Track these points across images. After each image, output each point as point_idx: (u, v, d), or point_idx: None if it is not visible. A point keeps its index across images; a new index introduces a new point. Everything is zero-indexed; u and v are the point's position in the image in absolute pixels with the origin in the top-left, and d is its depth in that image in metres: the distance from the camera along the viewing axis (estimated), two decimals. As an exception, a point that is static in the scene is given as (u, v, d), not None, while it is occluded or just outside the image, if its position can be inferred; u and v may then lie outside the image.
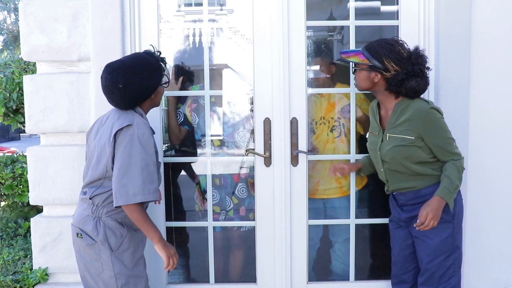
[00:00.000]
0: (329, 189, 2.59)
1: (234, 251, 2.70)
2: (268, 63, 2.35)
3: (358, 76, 1.99)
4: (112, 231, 1.81)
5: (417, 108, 1.89)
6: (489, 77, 2.33)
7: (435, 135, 1.88)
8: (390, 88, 1.92)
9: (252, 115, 2.52)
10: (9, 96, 3.27)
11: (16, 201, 3.61)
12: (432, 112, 1.88)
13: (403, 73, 1.87)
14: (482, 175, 2.36)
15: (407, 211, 2.01)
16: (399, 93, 1.92)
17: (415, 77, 1.88)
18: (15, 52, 15.05)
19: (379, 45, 1.92)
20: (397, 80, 1.88)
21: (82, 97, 2.37)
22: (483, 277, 2.42)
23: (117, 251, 1.80)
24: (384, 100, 2.00)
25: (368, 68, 1.93)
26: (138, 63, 1.81)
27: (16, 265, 2.79)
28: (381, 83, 1.94)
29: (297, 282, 2.45)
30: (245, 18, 2.42)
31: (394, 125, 1.94)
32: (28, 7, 2.35)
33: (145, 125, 1.79)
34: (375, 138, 2.05)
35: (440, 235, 1.92)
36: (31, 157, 2.42)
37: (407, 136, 1.89)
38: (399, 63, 1.88)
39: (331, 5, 2.81)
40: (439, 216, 1.85)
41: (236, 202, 2.64)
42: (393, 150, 1.93)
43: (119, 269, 1.80)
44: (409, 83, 1.87)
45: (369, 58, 1.91)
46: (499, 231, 2.40)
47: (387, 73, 1.89)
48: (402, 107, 1.93)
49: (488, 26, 2.31)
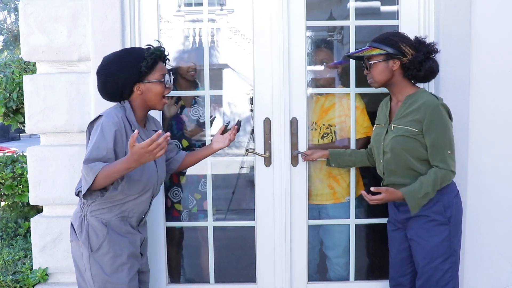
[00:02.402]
0: (321, 195, 2.55)
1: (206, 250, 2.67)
2: (268, 63, 2.35)
3: (375, 69, 1.94)
4: (94, 231, 1.76)
5: (426, 100, 1.87)
6: (489, 77, 2.33)
7: (433, 130, 1.85)
8: (409, 73, 1.92)
9: (252, 115, 2.52)
10: (9, 96, 3.27)
11: (16, 201, 3.62)
12: (440, 108, 1.86)
13: (421, 54, 1.89)
14: (482, 175, 2.36)
15: (403, 211, 1.98)
16: (417, 77, 1.92)
17: (430, 59, 1.91)
18: (15, 52, 15.06)
19: (389, 34, 1.95)
20: (417, 62, 1.89)
21: (82, 97, 2.37)
22: (483, 277, 2.42)
23: (96, 253, 1.76)
24: (399, 91, 1.98)
25: (385, 57, 1.92)
26: (117, 54, 1.79)
27: (16, 265, 2.79)
28: (398, 71, 1.94)
29: (297, 282, 2.45)
30: (245, 18, 2.42)
31: (401, 115, 1.93)
32: (28, 7, 2.35)
33: (116, 116, 1.71)
34: (380, 129, 2.04)
35: (435, 237, 1.90)
36: (31, 157, 2.42)
37: (411, 127, 1.88)
38: (414, 46, 1.91)
39: (331, 5, 2.81)
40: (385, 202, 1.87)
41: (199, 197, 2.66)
42: (395, 140, 1.91)
43: (96, 271, 1.76)
44: (427, 64, 1.89)
45: (383, 48, 1.91)
46: (499, 231, 2.40)
47: (405, 58, 1.90)
48: (412, 100, 1.92)
49: (488, 26, 2.31)
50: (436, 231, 1.91)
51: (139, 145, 1.52)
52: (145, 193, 1.82)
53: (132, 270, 1.82)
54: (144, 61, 1.75)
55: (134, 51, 1.81)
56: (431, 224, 1.92)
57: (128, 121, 1.77)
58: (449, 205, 1.93)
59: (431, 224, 1.91)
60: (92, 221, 1.77)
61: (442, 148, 1.86)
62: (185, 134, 2.65)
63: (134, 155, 1.53)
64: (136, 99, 1.81)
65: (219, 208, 2.76)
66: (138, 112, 1.83)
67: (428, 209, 1.91)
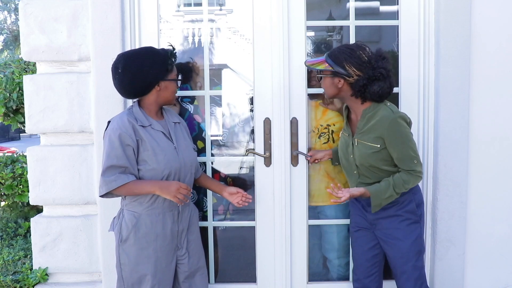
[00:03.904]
0: (317, 196, 2.55)
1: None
2: (268, 63, 2.35)
3: (324, 83, 1.98)
4: (126, 223, 1.88)
5: (382, 116, 1.87)
6: (489, 77, 2.33)
7: (395, 145, 1.86)
8: (355, 93, 1.91)
9: (252, 115, 2.52)
10: (9, 96, 3.27)
11: (16, 201, 3.62)
12: (397, 122, 1.85)
13: (364, 78, 1.86)
14: (482, 175, 2.37)
15: (373, 212, 1.96)
16: (365, 98, 1.91)
17: (377, 81, 1.86)
18: (15, 52, 15.07)
19: (340, 50, 1.91)
20: (360, 85, 1.87)
21: (82, 97, 2.37)
22: (483, 277, 2.42)
23: (124, 244, 1.87)
24: (352, 105, 1.99)
25: (331, 74, 1.92)
26: (142, 51, 1.88)
27: (16, 265, 2.80)
28: (346, 89, 1.93)
29: (297, 282, 2.45)
30: (245, 18, 2.43)
31: (361, 131, 1.94)
32: (28, 7, 2.35)
33: (121, 119, 1.83)
34: (347, 140, 2.04)
35: (410, 236, 1.93)
36: (31, 157, 2.42)
37: (373, 144, 1.90)
38: (360, 67, 1.86)
39: (331, 5, 2.81)
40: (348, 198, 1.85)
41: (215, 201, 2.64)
42: (362, 157, 1.93)
43: (124, 260, 1.88)
44: (372, 88, 1.86)
45: (331, 64, 1.91)
46: (499, 231, 2.40)
47: (350, 78, 1.88)
48: (370, 115, 1.92)
49: (488, 26, 2.31)
50: (409, 230, 1.94)
51: (174, 188, 1.77)
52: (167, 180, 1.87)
53: (160, 263, 1.89)
54: (169, 59, 1.88)
55: (161, 50, 1.90)
56: (404, 224, 1.95)
57: (135, 119, 1.86)
58: (420, 203, 1.97)
59: (405, 224, 1.95)
60: (126, 213, 1.90)
61: (408, 159, 1.87)
62: None
63: (164, 188, 1.78)
64: (151, 96, 1.90)
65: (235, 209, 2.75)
66: (150, 108, 1.93)
67: (401, 208, 1.94)
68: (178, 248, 1.96)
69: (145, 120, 1.89)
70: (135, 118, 1.87)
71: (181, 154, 1.93)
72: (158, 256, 1.89)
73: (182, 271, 1.99)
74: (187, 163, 1.95)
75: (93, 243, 2.44)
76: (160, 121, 1.95)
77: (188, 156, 1.97)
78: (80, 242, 2.44)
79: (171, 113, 2.05)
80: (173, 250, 1.94)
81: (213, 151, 2.65)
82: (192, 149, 2.02)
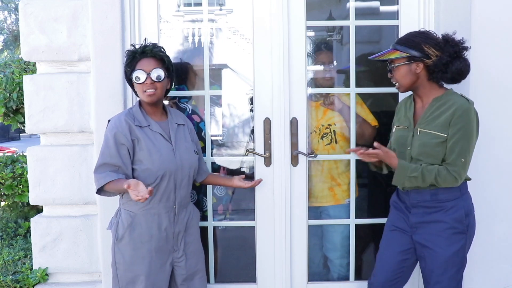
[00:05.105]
0: (321, 197, 2.56)
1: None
2: (268, 63, 2.35)
3: (398, 73, 1.85)
4: (122, 222, 1.89)
5: (458, 103, 1.77)
6: (489, 77, 2.33)
7: (457, 134, 1.75)
8: (434, 75, 1.81)
9: (252, 115, 2.52)
10: (9, 96, 3.27)
11: (16, 201, 3.61)
12: (472, 113, 1.76)
13: (445, 56, 1.77)
14: (482, 175, 2.36)
15: (417, 214, 1.88)
16: (444, 79, 1.81)
17: (458, 58, 1.78)
18: (15, 52, 15.06)
19: (412, 36, 1.83)
20: (442, 64, 1.77)
21: (82, 97, 2.37)
22: (483, 277, 2.42)
23: (120, 242, 1.88)
24: (425, 93, 1.87)
25: (408, 60, 1.81)
26: None
27: (16, 265, 2.79)
28: (423, 74, 1.83)
29: (297, 282, 2.45)
30: (245, 18, 2.43)
31: (427, 119, 1.83)
32: (28, 7, 2.35)
33: (118, 118, 1.86)
34: (404, 132, 1.92)
35: (453, 246, 1.81)
36: (31, 157, 2.42)
37: (439, 133, 1.78)
38: (438, 47, 1.79)
39: (331, 5, 2.81)
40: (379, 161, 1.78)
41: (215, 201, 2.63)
42: (423, 147, 1.81)
43: (118, 259, 1.89)
44: (453, 66, 1.77)
45: (405, 50, 1.80)
46: (499, 231, 2.40)
47: (429, 60, 1.79)
48: (440, 103, 1.81)
49: (488, 26, 2.31)
50: (453, 240, 1.82)
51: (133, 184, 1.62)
52: (163, 181, 1.86)
53: (155, 265, 1.89)
54: (128, 57, 1.90)
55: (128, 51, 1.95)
56: (449, 232, 1.82)
57: (134, 118, 1.88)
58: (469, 212, 1.85)
59: (449, 232, 1.82)
60: (123, 212, 1.91)
61: (459, 153, 1.77)
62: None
63: (133, 182, 1.63)
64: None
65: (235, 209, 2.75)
66: (145, 108, 1.94)
67: (448, 215, 1.83)
68: (174, 250, 1.95)
69: (144, 120, 1.89)
70: (134, 118, 1.88)
71: (179, 156, 1.91)
72: (152, 257, 1.88)
73: (180, 274, 1.97)
74: (184, 165, 1.92)
75: (93, 243, 2.44)
76: (161, 121, 1.95)
77: (187, 158, 1.94)
78: (80, 242, 2.44)
79: (176, 115, 2.03)
80: (168, 252, 1.93)
81: (213, 151, 2.66)
82: (192, 151, 1.99)
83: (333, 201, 2.54)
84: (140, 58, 1.87)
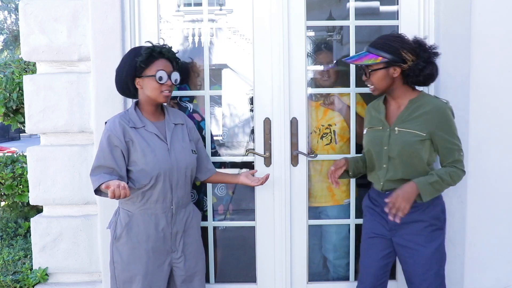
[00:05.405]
0: (320, 197, 2.56)
1: None
2: (268, 63, 2.35)
3: (375, 77, 1.88)
4: (120, 221, 1.90)
5: (436, 104, 1.84)
6: (489, 77, 2.33)
7: (445, 134, 1.82)
8: (409, 79, 1.86)
9: (252, 115, 2.52)
10: (9, 96, 3.27)
11: (16, 201, 3.62)
12: (449, 112, 1.83)
13: (421, 61, 1.83)
14: (482, 174, 2.36)
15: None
16: (417, 82, 1.87)
17: (430, 64, 1.85)
18: (15, 52, 15.06)
19: (389, 40, 1.85)
20: (417, 69, 1.83)
21: (82, 97, 2.37)
22: (483, 277, 2.42)
23: (118, 242, 1.89)
24: (399, 96, 1.92)
25: (386, 65, 1.85)
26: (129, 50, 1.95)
27: (16, 265, 2.80)
28: (399, 78, 1.88)
29: (297, 282, 2.45)
30: (245, 18, 2.43)
31: (406, 120, 1.87)
32: (28, 7, 2.35)
33: (113, 122, 1.87)
34: (379, 132, 1.95)
35: (434, 242, 1.87)
36: (31, 157, 2.42)
37: (419, 132, 1.83)
38: (414, 52, 1.84)
39: (331, 5, 2.81)
40: (411, 203, 1.74)
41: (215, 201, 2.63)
42: (403, 144, 1.85)
43: (116, 258, 1.90)
44: (427, 70, 1.84)
45: (383, 55, 1.83)
46: (499, 231, 2.40)
47: (405, 64, 1.83)
48: (418, 104, 1.87)
49: (488, 26, 2.31)
50: (433, 237, 1.87)
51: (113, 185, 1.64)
52: (158, 181, 1.86)
53: (152, 265, 1.89)
54: (140, 56, 1.85)
55: (135, 48, 1.93)
56: (428, 230, 1.87)
57: (129, 120, 1.88)
58: (444, 208, 1.92)
59: (429, 230, 1.87)
60: (121, 212, 1.92)
61: (454, 150, 1.83)
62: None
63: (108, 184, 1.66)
64: (141, 94, 1.92)
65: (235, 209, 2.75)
66: (146, 107, 1.93)
67: (426, 214, 1.87)
68: (172, 251, 1.94)
69: (139, 121, 1.89)
70: (129, 120, 1.88)
71: (174, 156, 1.89)
72: (149, 257, 1.88)
73: (179, 275, 1.97)
74: (180, 165, 1.90)
75: (93, 243, 2.44)
76: (158, 122, 1.94)
77: (183, 158, 1.92)
78: (80, 242, 2.44)
79: (175, 114, 2.02)
80: (166, 252, 1.92)
81: (213, 151, 2.66)
82: (190, 151, 1.96)
83: (332, 201, 2.54)
84: (157, 58, 1.87)
